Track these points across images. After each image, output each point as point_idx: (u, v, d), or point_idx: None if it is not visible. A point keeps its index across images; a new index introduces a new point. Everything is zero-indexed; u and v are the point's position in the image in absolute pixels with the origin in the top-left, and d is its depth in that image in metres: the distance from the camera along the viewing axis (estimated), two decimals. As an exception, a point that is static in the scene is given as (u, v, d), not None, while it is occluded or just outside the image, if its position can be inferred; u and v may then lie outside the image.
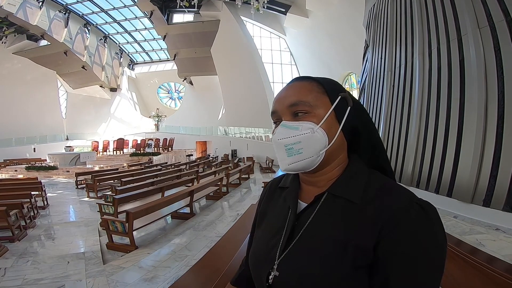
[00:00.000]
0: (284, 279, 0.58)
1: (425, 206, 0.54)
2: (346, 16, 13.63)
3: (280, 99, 0.63)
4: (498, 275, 1.52)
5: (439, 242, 0.52)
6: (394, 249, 0.51)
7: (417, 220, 0.52)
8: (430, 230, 0.52)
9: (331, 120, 0.60)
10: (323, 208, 0.60)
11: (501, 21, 3.96)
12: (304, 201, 0.65)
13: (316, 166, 0.60)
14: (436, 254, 0.51)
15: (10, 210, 4.38)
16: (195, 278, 2.15)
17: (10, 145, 19.19)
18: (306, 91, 0.61)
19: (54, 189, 10.13)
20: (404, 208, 0.53)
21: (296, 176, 0.70)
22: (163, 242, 4.13)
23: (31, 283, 2.94)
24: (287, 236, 0.61)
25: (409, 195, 0.56)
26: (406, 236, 0.51)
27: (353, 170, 0.62)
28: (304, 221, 0.61)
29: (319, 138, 0.58)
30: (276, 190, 0.75)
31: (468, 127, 4.41)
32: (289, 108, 0.61)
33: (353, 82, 16.93)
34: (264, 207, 0.76)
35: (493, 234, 3.68)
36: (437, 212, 0.54)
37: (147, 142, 20.36)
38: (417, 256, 0.50)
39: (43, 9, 18.08)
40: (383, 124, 6.80)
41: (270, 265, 0.61)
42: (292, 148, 0.58)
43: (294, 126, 0.59)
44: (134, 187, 6.93)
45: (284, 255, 0.60)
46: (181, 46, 21.15)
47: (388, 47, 6.90)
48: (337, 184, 0.61)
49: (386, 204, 0.54)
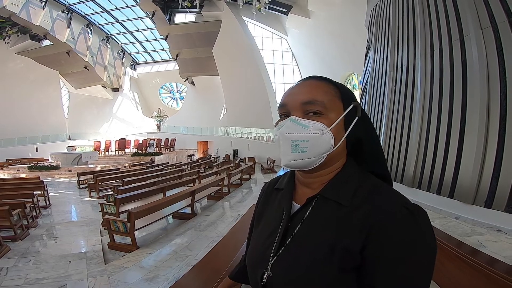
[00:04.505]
0: (277, 279, 0.60)
1: (414, 210, 0.54)
2: (347, 16, 13.61)
3: (294, 94, 0.63)
4: (499, 277, 1.51)
5: (427, 247, 0.52)
6: (380, 253, 0.51)
7: (404, 225, 0.52)
8: (418, 235, 0.51)
9: (339, 126, 0.60)
10: (315, 210, 0.61)
11: (504, 22, 3.94)
12: (298, 203, 0.66)
13: (315, 167, 0.60)
14: (423, 259, 0.51)
15: (12, 209, 4.39)
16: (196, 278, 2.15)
17: (13, 144, 19.28)
18: (323, 92, 0.61)
19: (56, 189, 10.17)
20: (392, 212, 0.53)
21: (292, 178, 0.71)
22: (164, 242, 4.13)
23: (32, 283, 2.95)
24: (281, 237, 0.63)
25: (399, 199, 0.56)
26: (393, 241, 0.51)
27: (345, 173, 0.63)
28: (296, 223, 0.62)
29: (326, 141, 0.58)
30: (273, 191, 0.76)
31: (470, 128, 4.39)
32: (302, 105, 0.61)
33: (355, 82, 16.89)
34: (261, 208, 0.77)
35: (495, 235, 3.67)
36: (426, 216, 0.55)
37: (149, 142, 20.42)
38: (403, 261, 0.50)
39: (46, 9, 18.15)
40: (385, 124, 6.79)
41: (264, 266, 0.62)
42: (298, 145, 0.58)
43: (304, 123, 0.59)
44: (136, 187, 6.94)
45: (277, 256, 0.61)
46: (183, 46, 21.17)
47: (390, 48, 6.89)
48: (329, 187, 0.62)
49: (374, 207, 0.54)
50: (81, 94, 24.81)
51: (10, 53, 19.33)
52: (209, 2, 18.25)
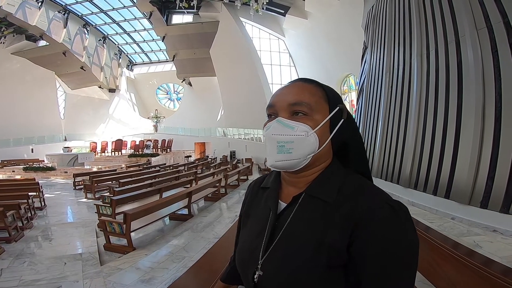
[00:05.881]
0: (267, 278, 0.60)
1: (396, 206, 0.55)
2: (344, 17, 13.68)
3: (282, 95, 0.64)
4: (495, 278, 1.52)
5: (409, 242, 0.53)
6: (365, 249, 0.53)
7: (387, 221, 0.53)
8: (400, 231, 0.53)
9: (324, 128, 0.62)
10: (301, 208, 0.62)
11: (499, 23, 3.98)
12: (284, 202, 0.67)
13: (300, 168, 0.61)
14: (406, 254, 0.52)
15: (7, 211, 4.35)
16: (193, 279, 2.14)
17: (8, 145, 19.12)
18: (310, 93, 0.62)
19: (52, 190, 10.08)
20: (374, 209, 0.54)
21: (278, 177, 0.72)
22: (161, 243, 4.11)
23: (27, 284, 2.92)
24: (269, 236, 0.63)
25: (381, 196, 0.57)
26: (376, 237, 0.52)
27: (330, 172, 0.64)
28: (283, 221, 0.63)
29: (311, 143, 0.59)
30: (259, 190, 0.77)
31: (465, 128, 4.42)
32: (289, 106, 0.62)
33: (351, 83, 16.95)
34: (248, 208, 0.78)
35: (491, 235, 3.69)
36: (408, 212, 0.56)
37: (146, 143, 20.35)
38: (387, 257, 0.51)
39: (42, 10, 18.07)
40: (381, 125, 6.82)
41: (254, 265, 0.63)
42: (284, 146, 0.60)
43: (290, 125, 0.60)
44: (132, 188, 6.90)
45: (266, 255, 0.62)
46: (180, 47, 21.16)
47: (387, 49, 6.93)
48: (314, 185, 0.63)
49: (358, 205, 0.56)
50: (77, 94, 24.70)
51: (5, 53, 19.21)
52: (206, 3, 18.26)
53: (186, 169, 12.58)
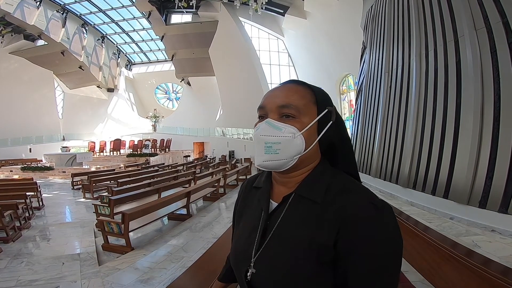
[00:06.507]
0: (260, 275, 0.63)
1: (380, 206, 0.57)
2: (344, 17, 13.68)
3: (272, 97, 0.66)
4: (493, 278, 1.52)
5: (393, 241, 0.55)
6: (350, 248, 0.55)
7: (372, 220, 0.55)
8: (384, 230, 0.55)
9: (312, 130, 0.64)
10: (291, 208, 0.64)
11: (498, 23, 3.98)
12: (275, 201, 0.69)
13: (287, 168, 0.63)
14: (391, 252, 0.54)
15: (4, 210, 4.34)
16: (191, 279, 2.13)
17: (6, 145, 19.00)
18: (299, 96, 0.64)
19: (50, 190, 10.06)
20: (359, 208, 0.56)
21: (269, 176, 0.74)
22: (159, 243, 4.10)
23: (25, 284, 2.91)
24: (261, 235, 0.65)
25: (367, 196, 0.59)
26: (361, 235, 0.54)
27: (318, 172, 0.66)
28: (275, 220, 0.65)
29: (297, 144, 0.61)
30: (252, 190, 0.79)
31: (464, 128, 4.43)
32: (278, 108, 0.64)
33: (350, 83, 16.96)
34: (241, 207, 0.80)
35: (489, 235, 3.70)
36: (392, 211, 0.58)
37: (144, 143, 20.30)
38: (372, 254, 0.53)
39: (41, 9, 17.97)
40: (380, 125, 6.82)
41: (247, 263, 0.65)
42: (271, 146, 0.62)
43: (278, 126, 0.62)
44: (131, 188, 6.88)
45: (258, 254, 0.64)
46: (179, 46, 21.11)
47: (386, 49, 6.93)
48: (303, 185, 0.65)
49: (344, 204, 0.58)
50: (75, 94, 24.57)
51: (3, 53, 19.08)
52: (205, 2, 18.22)
53: (184, 169, 12.56)
